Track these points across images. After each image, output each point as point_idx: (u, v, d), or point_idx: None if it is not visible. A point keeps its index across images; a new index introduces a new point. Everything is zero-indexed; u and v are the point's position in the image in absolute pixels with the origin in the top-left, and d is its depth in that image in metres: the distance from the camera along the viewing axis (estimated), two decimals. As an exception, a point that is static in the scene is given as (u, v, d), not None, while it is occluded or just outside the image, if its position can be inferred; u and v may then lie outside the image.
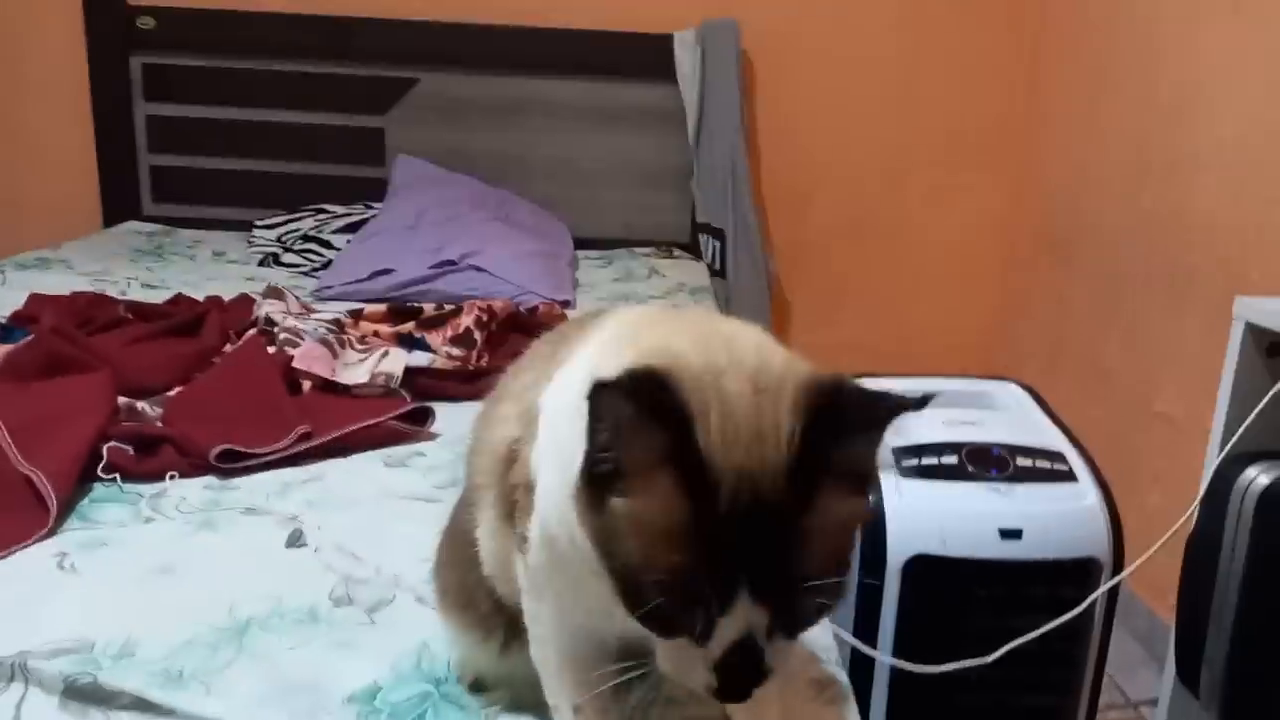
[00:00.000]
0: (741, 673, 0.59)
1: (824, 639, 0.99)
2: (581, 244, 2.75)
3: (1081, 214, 2.50)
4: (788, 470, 0.57)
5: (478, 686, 0.87)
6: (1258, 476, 1.01)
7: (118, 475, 1.24)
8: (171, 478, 1.25)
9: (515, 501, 0.72)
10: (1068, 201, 2.59)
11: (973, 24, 2.83)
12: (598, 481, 0.59)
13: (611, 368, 0.59)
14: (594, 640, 0.72)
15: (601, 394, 0.56)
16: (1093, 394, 2.33)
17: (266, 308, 1.74)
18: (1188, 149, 2.01)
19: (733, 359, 0.61)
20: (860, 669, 1.26)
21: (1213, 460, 1.06)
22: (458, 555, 0.84)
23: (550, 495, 0.66)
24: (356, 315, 1.78)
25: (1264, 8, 1.79)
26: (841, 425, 0.58)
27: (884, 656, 1.17)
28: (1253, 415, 1.01)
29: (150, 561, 1.06)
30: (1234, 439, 1.04)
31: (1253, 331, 1.07)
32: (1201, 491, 1.03)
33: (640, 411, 0.56)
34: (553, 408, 0.70)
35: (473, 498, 0.81)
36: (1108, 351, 2.32)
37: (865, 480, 0.62)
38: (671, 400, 0.56)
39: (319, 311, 1.84)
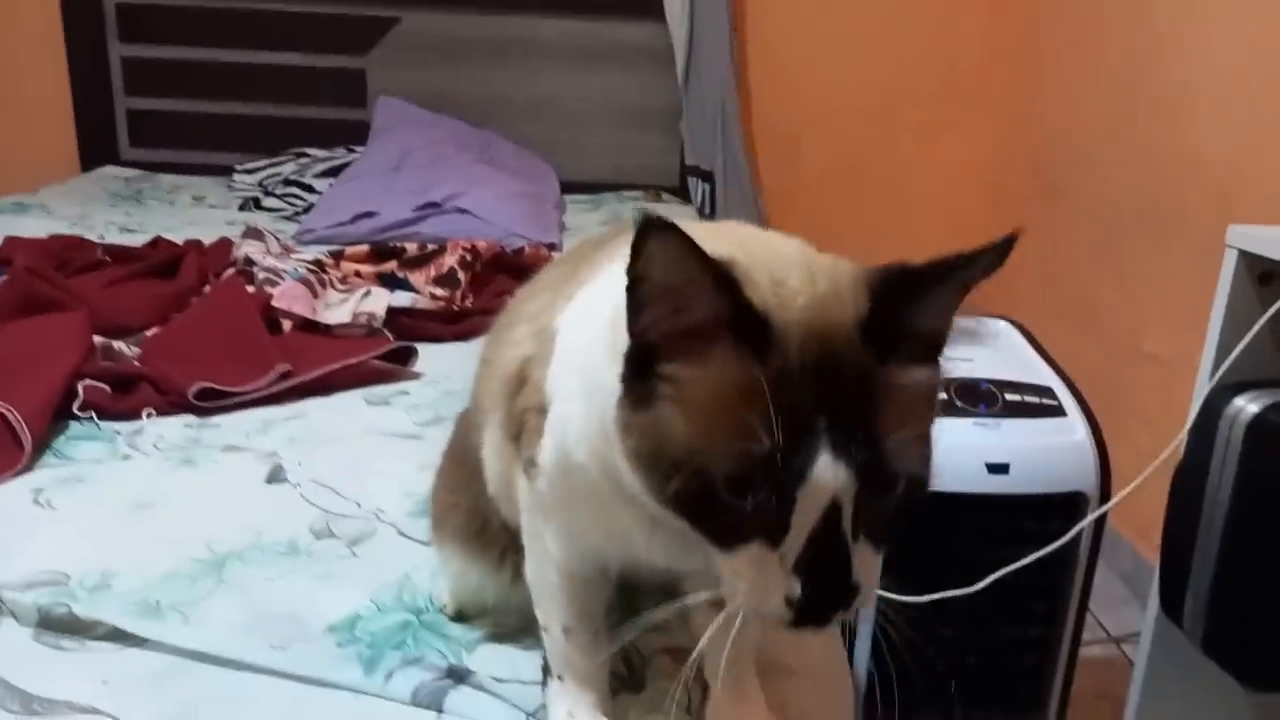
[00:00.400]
0: (827, 575, 0.51)
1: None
2: (568, 187, 2.71)
3: (1074, 151, 2.47)
4: (857, 326, 0.52)
5: (460, 616, 0.87)
6: (1247, 405, 1.00)
7: (94, 413, 1.22)
8: (148, 415, 1.24)
9: (524, 424, 0.69)
10: (1060, 138, 2.56)
11: (966, -41, 2.77)
12: (647, 359, 0.54)
13: None
14: (599, 564, 0.70)
15: (651, 230, 0.50)
16: (1083, 334, 2.32)
17: (246, 248, 1.71)
18: (1181, 80, 1.97)
19: (777, 258, 0.56)
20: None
21: (1202, 389, 1.05)
22: (465, 482, 0.82)
23: (574, 424, 0.62)
24: (338, 256, 1.75)
25: (1263, -65, 1.74)
26: (909, 287, 0.53)
27: (870, 587, 1.18)
28: (1244, 343, 1.00)
29: (128, 497, 1.05)
30: (1223, 367, 1.03)
31: (1245, 259, 1.05)
32: (1190, 420, 1.02)
33: (690, 250, 0.50)
34: (574, 329, 0.65)
35: (479, 420, 0.78)
36: (1098, 291, 2.31)
37: (938, 348, 0.57)
38: (719, 263, 0.51)
39: (299, 252, 1.81)
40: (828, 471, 0.50)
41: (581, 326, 0.64)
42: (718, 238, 0.56)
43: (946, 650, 1.33)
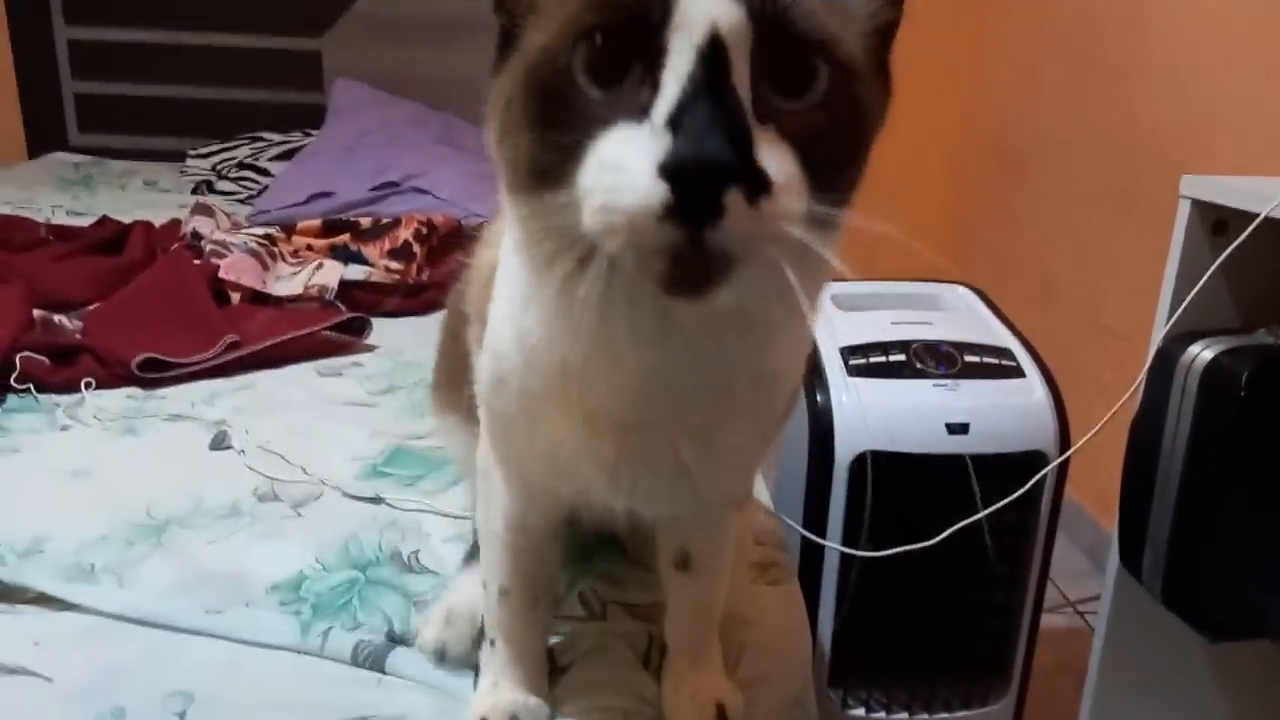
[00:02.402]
0: (711, 128, 0.39)
1: (767, 522, 0.97)
2: (530, 170, 2.67)
3: (1033, 127, 2.48)
4: None
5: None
6: (1201, 352, 1.00)
7: (32, 386, 1.18)
8: (88, 386, 1.19)
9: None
10: (1019, 115, 2.57)
11: (924, -63, 2.77)
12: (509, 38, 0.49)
13: None
14: (547, 510, 0.67)
15: None
16: (1042, 307, 2.33)
17: (194, 223, 1.67)
18: (1134, 53, 1.98)
19: None
20: (810, 563, 1.25)
21: (1157, 339, 1.05)
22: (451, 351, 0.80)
23: (504, 327, 0.58)
24: (289, 230, 1.71)
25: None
26: None
27: (830, 544, 1.16)
28: (1198, 287, 1.00)
29: (65, 465, 1.01)
30: (1177, 313, 1.03)
31: (1199, 208, 1.05)
32: (1146, 367, 1.02)
33: None
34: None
35: (469, 321, 0.73)
36: (1057, 265, 2.32)
37: None
38: None
39: (249, 229, 1.77)
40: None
41: None
42: None
43: (908, 616, 1.32)
